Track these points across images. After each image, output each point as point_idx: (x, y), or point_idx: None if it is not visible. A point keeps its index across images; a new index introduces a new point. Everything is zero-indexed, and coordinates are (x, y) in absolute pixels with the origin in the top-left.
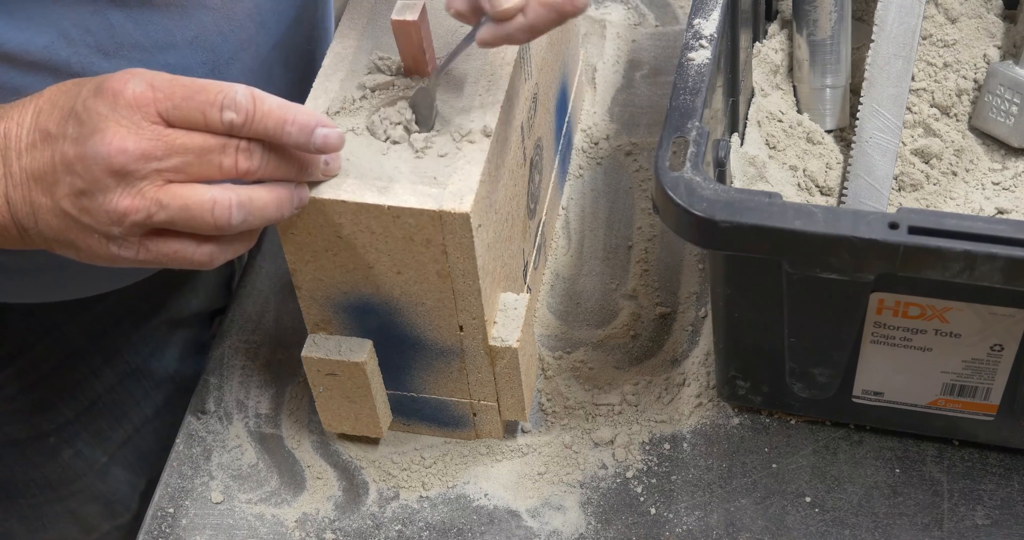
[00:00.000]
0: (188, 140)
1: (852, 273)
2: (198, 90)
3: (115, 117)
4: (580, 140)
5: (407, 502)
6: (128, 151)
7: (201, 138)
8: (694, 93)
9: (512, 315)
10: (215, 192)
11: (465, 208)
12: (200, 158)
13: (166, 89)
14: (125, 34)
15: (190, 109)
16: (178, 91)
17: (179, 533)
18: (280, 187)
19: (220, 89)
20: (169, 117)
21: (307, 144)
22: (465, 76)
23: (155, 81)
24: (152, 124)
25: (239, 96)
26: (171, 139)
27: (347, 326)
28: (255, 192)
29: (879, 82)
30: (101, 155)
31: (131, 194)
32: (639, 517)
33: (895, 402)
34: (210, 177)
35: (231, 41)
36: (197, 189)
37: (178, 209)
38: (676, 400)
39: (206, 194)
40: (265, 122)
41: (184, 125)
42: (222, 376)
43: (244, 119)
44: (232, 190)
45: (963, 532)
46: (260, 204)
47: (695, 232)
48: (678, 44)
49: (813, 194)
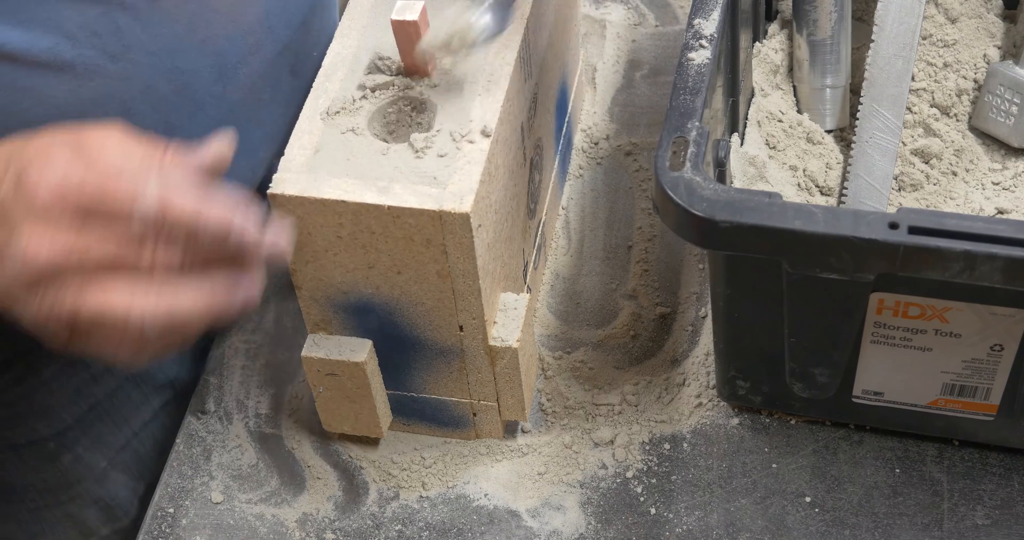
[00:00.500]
0: (103, 239)
1: (852, 273)
2: (110, 191)
3: (32, 219)
4: (580, 140)
5: (407, 502)
6: (40, 256)
7: (116, 237)
8: (694, 93)
9: (512, 315)
10: (134, 298)
11: (465, 208)
12: (118, 255)
13: (77, 185)
14: (132, 37)
15: (103, 209)
16: (88, 190)
17: (179, 533)
18: (213, 288)
19: (132, 191)
20: (85, 219)
21: (226, 247)
22: (465, 76)
23: (69, 173)
24: (67, 228)
25: (148, 200)
26: (86, 240)
27: (347, 326)
28: (180, 295)
29: (879, 82)
30: (18, 258)
31: (49, 300)
32: (639, 517)
33: (895, 402)
34: (136, 270)
35: (239, 45)
36: (115, 294)
37: (95, 316)
38: (676, 400)
39: (123, 300)
40: (177, 226)
41: (101, 220)
42: (222, 376)
43: (153, 224)
44: (153, 295)
45: (963, 532)
46: (185, 308)
47: (695, 232)
48: (678, 44)
49: (813, 194)
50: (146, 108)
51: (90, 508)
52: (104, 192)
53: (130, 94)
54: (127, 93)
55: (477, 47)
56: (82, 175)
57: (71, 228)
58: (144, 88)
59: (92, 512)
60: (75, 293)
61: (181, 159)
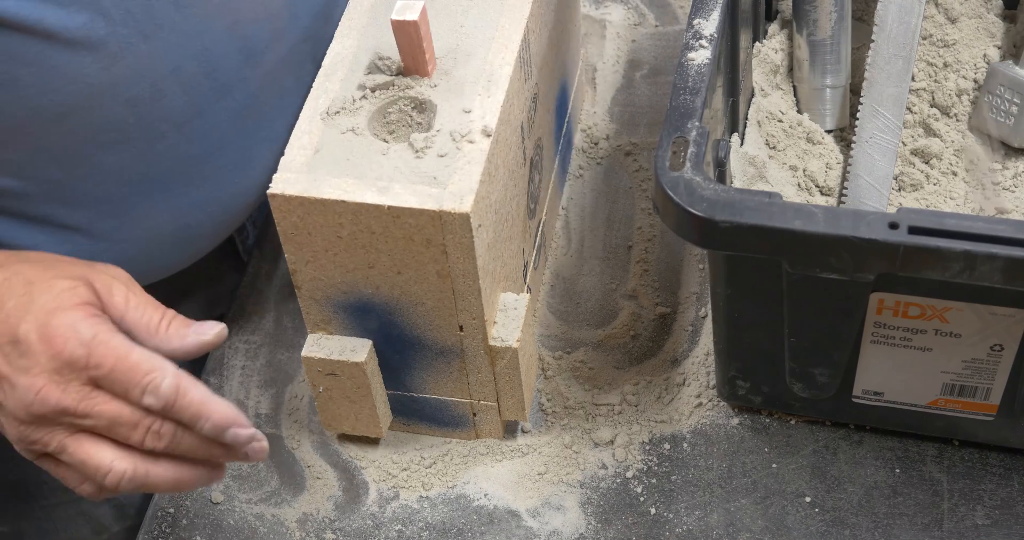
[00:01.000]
0: (106, 408)
1: (852, 273)
2: (129, 367)
3: (48, 370)
4: (580, 140)
5: (407, 502)
6: (49, 404)
7: (118, 409)
8: (694, 93)
9: (512, 315)
10: (115, 461)
11: (465, 208)
12: (112, 426)
13: (100, 356)
14: (164, 16)
15: (117, 382)
16: (109, 362)
17: (179, 533)
18: (188, 469)
19: (150, 370)
20: (98, 382)
21: (219, 439)
22: (465, 76)
23: (93, 347)
24: (80, 385)
25: (164, 384)
26: (91, 404)
27: (347, 326)
28: (156, 469)
29: (879, 82)
30: (26, 398)
31: (43, 431)
32: (639, 517)
33: (895, 402)
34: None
35: (265, 30)
36: (101, 450)
37: (75, 462)
38: (676, 400)
39: (105, 459)
40: (182, 413)
41: (109, 391)
42: (222, 376)
43: (162, 406)
44: (132, 462)
45: (963, 532)
46: (156, 481)
47: (695, 232)
48: (678, 44)
49: (813, 194)
50: (175, 89)
51: (102, 505)
52: (126, 365)
53: (160, 74)
54: (157, 73)
55: None
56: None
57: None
58: (173, 68)
59: (104, 509)
60: (64, 437)
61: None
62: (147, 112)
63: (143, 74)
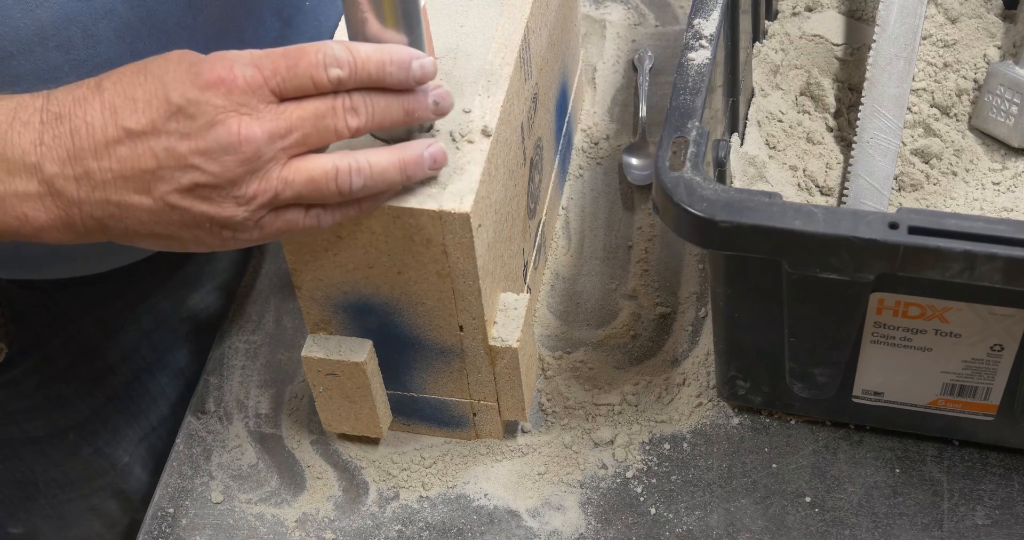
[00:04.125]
0: (302, 111)
1: (852, 273)
2: (300, 56)
3: (233, 107)
4: (580, 140)
5: (407, 502)
6: (256, 138)
7: (312, 106)
8: (694, 93)
9: (512, 315)
10: (336, 160)
11: (465, 208)
12: (316, 126)
13: (271, 65)
14: None
15: (299, 77)
16: (282, 63)
17: (179, 533)
18: (401, 150)
19: (318, 49)
20: (282, 91)
21: (407, 79)
22: (465, 76)
23: (259, 61)
24: (268, 105)
25: (337, 51)
26: (288, 115)
27: (347, 326)
28: (374, 156)
29: (880, 82)
30: (230, 146)
31: (258, 178)
32: (639, 517)
33: (895, 402)
34: (327, 142)
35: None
36: (318, 160)
37: (303, 183)
38: (676, 400)
39: (328, 164)
40: (368, 68)
41: (295, 94)
42: (222, 376)
43: (349, 71)
44: (350, 156)
45: (963, 532)
46: (379, 168)
47: (695, 232)
48: (678, 44)
49: (813, 194)
50: (110, 34)
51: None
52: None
53: (91, 18)
54: (87, 16)
55: None
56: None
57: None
58: (105, 12)
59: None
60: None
61: None
62: (82, 59)
63: (72, 18)
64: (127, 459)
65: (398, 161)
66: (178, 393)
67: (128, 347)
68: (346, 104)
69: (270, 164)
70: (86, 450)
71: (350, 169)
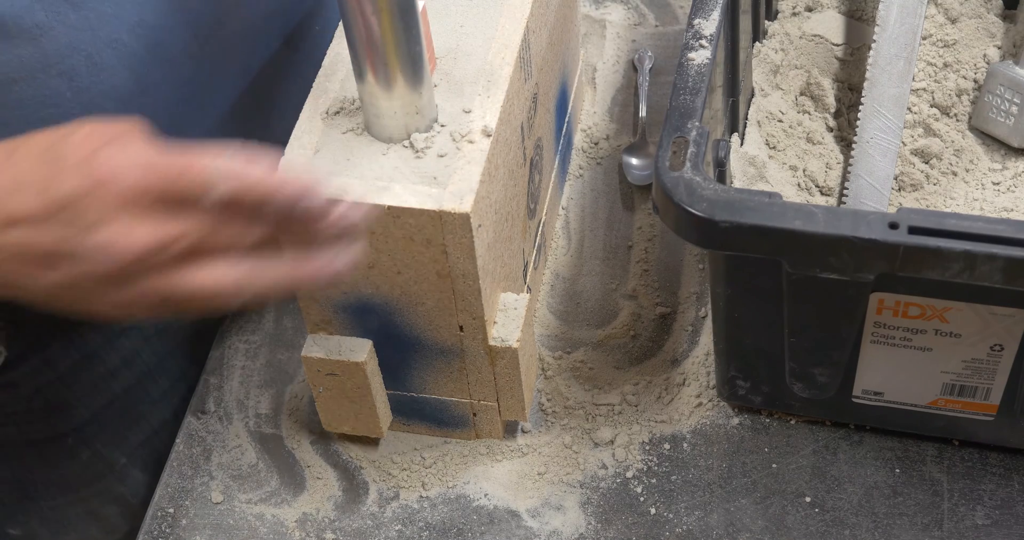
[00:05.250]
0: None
1: (852, 273)
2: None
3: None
4: (580, 140)
5: (407, 502)
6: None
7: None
8: (694, 93)
9: (512, 315)
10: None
11: (465, 208)
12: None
13: (160, 171)
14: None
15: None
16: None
17: (179, 533)
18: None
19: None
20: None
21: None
22: (465, 76)
23: (151, 162)
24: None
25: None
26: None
27: (347, 326)
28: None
29: (880, 82)
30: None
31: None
32: (639, 517)
33: (895, 402)
34: (223, 250)
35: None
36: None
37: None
38: (676, 400)
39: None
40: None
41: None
42: (222, 376)
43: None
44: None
45: (963, 532)
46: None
47: (695, 232)
48: (678, 44)
49: (813, 194)
50: (115, 63)
51: (111, 505)
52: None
53: (95, 47)
54: (92, 45)
55: None
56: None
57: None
58: (110, 41)
59: (113, 509)
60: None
61: None
62: (86, 86)
63: (77, 47)
64: (124, 461)
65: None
66: (179, 397)
67: (129, 352)
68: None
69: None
70: (85, 453)
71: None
